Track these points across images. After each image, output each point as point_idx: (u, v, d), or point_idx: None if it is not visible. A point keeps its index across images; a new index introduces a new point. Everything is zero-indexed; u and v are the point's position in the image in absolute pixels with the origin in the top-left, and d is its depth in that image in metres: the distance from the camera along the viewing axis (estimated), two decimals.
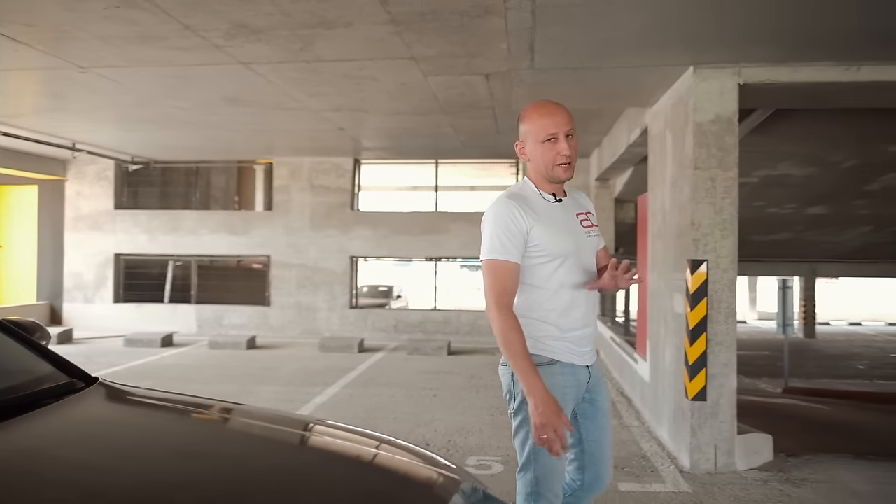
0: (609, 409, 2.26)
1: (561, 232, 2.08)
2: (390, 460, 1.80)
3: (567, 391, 2.04)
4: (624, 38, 3.81)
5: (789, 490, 3.87)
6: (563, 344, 2.07)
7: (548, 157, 2.06)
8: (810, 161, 7.90)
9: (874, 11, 3.31)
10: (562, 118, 2.06)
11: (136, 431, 1.63)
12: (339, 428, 1.87)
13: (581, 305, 2.11)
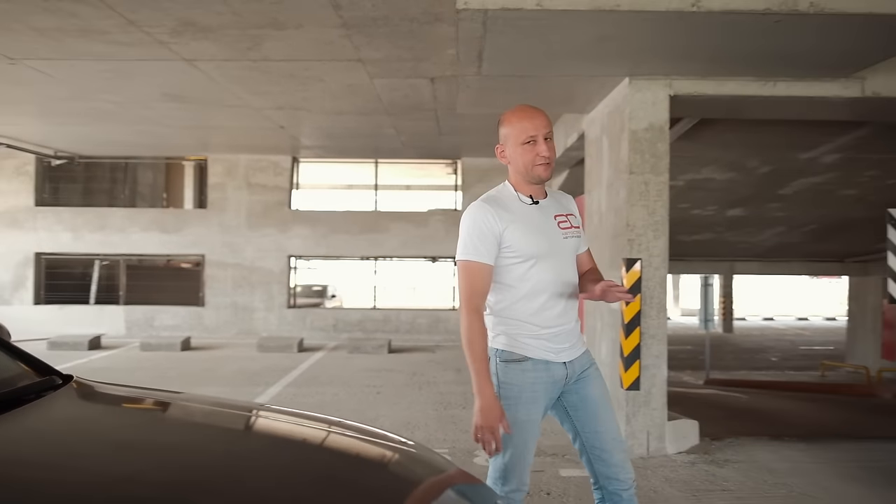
0: (605, 398, 2.23)
1: (534, 233, 2.15)
2: (346, 441, 1.81)
3: (537, 387, 2.13)
4: (567, 49, 4.04)
5: (714, 470, 4.20)
6: (538, 342, 2.14)
7: (528, 159, 2.15)
8: (731, 166, 8.44)
9: (784, 34, 3.66)
10: (540, 121, 2.17)
11: (123, 428, 1.68)
12: (306, 416, 1.94)
13: (557, 304, 2.16)
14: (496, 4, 3.35)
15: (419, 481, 1.66)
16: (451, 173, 12.29)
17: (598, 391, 2.22)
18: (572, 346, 2.20)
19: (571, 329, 2.21)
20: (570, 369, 2.18)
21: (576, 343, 2.22)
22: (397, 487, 1.58)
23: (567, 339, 2.18)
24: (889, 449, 4.78)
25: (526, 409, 2.13)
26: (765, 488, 3.87)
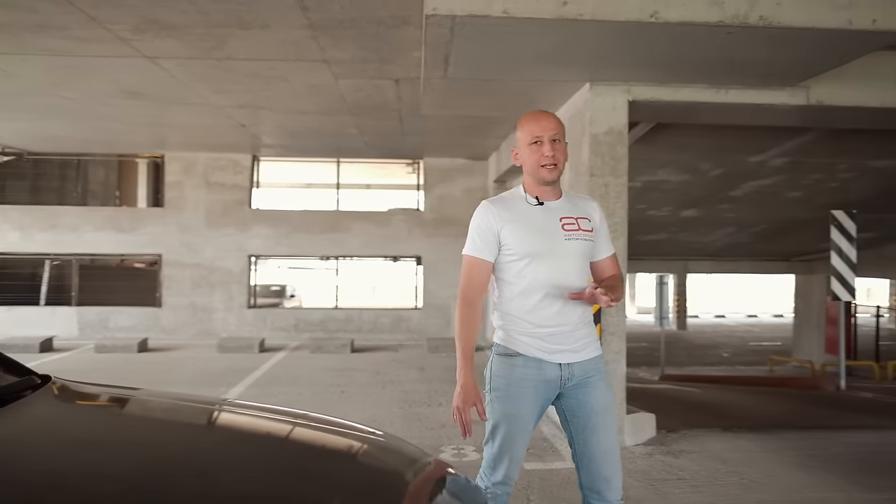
0: (604, 409, 2.23)
1: (533, 233, 2.20)
2: (314, 433, 1.83)
3: (526, 383, 2.18)
4: (531, 55, 4.17)
5: (670, 460, 4.39)
6: (531, 339, 2.19)
7: (533, 159, 2.22)
8: (685, 169, 8.74)
9: (736, 45, 3.86)
10: (547, 124, 2.24)
11: (111, 426, 1.70)
12: (277, 411, 1.97)
13: (553, 304, 2.19)
14: (464, 11, 3.45)
15: (393, 471, 1.68)
16: (411, 173, 12.35)
17: (598, 401, 2.22)
18: (573, 349, 2.21)
19: (571, 331, 2.21)
20: (566, 371, 2.20)
21: (579, 347, 2.22)
22: (369, 477, 1.60)
23: (564, 341, 2.20)
24: (830, 438, 5.06)
25: (512, 403, 2.19)
26: (717, 476, 4.07)
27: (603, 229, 2.33)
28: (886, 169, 8.29)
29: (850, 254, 7.53)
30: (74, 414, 1.77)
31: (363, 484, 1.53)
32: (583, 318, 2.25)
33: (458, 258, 8.55)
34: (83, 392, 1.90)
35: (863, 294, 28.44)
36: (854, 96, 4.91)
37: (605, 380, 2.28)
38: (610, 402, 2.26)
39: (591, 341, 2.27)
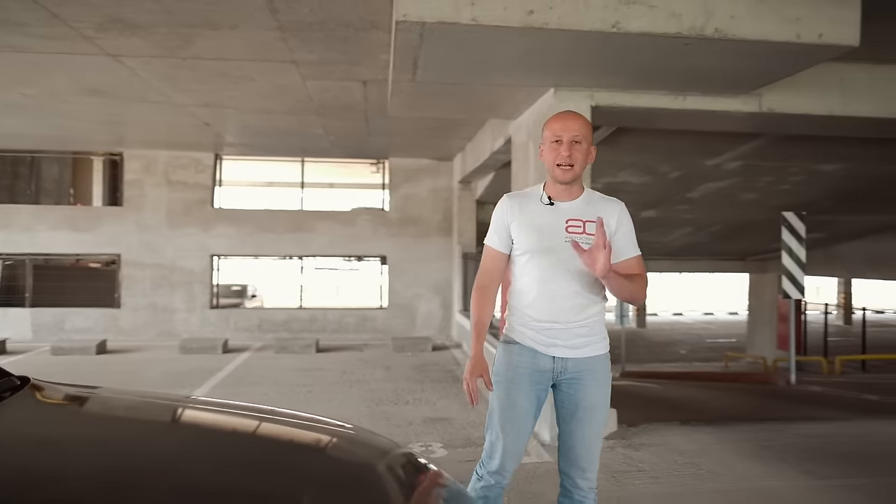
0: (592, 405, 2.30)
1: (535, 230, 2.28)
2: (282, 428, 1.87)
3: (521, 371, 2.31)
4: (498, 61, 4.27)
5: (630, 453, 4.55)
6: (527, 331, 2.32)
7: (551, 158, 2.28)
8: (645, 171, 8.98)
9: (693, 55, 4.03)
10: (570, 124, 2.25)
11: (99, 426, 1.73)
12: (248, 407, 2.02)
13: (549, 301, 2.27)
14: (434, 17, 3.52)
15: (365, 463, 1.72)
16: (375, 172, 12.36)
17: (588, 398, 2.30)
18: (569, 346, 2.28)
19: (566, 329, 2.27)
20: (559, 365, 2.29)
21: (578, 344, 2.29)
22: (340, 469, 1.64)
23: (560, 336, 2.28)
24: (783, 429, 5.30)
25: (509, 389, 2.31)
26: (676, 468, 4.24)
27: (621, 232, 2.31)
28: (834, 173, 8.67)
29: (799, 253, 7.87)
30: (56, 414, 1.79)
31: (335, 476, 1.56)
32: (583, 318, 2.29)
33: (423, 258, 8.87)
34: (63, 393, 1.92)
35: (812, 292, 29.48)
36: (803, 104, 5.15)
37: (600, 379, 2.31)
38: (600, 401, 2.32)
39: (594, 341, 2.31)
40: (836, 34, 3.76)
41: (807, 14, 3.72)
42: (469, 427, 5.41)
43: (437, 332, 11.39)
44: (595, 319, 2.33)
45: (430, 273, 11.60)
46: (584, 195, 2.35)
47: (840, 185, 9.23)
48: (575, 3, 3.60)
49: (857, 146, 7.22)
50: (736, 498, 3.74)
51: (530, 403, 2.32)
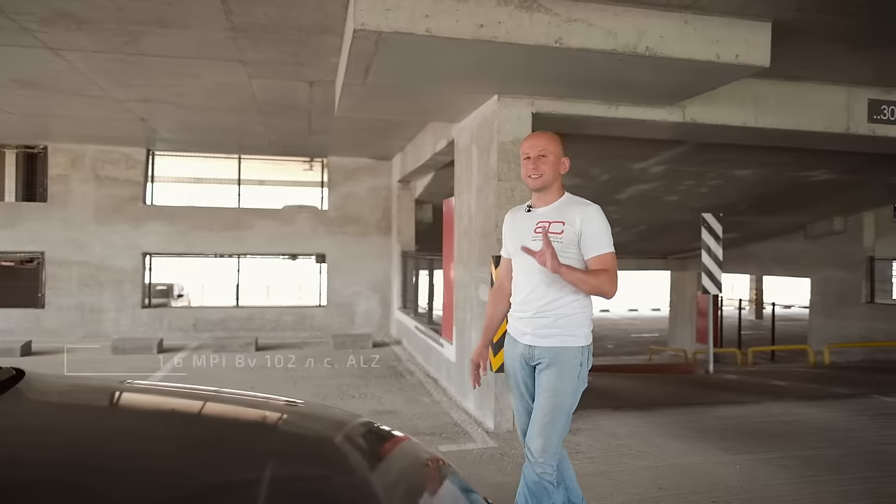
0: (548, 389, 2.59)
1: (514, 236, 2.74)
2: (230, 408, 1.93)
3: (511, 358, 2.77)
4: (447, 69, 4.49)
5: (569, 437, 4.88)
6: (512, 321, 2.78)
7: (524, 172, 2.71)
8: (577, 174, 9.43)
9: (626, 70, 4.39)
10: (535, 142, 2.68)
11: (108, 416, 1.82)
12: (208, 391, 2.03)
13: (520, 294, 2.70)
14: (390, 28, 3.72)
15: (321, 436, 1.78)
16: (308, 170, 12.33)
17: (546, 382, 2.60)
18: (536, 335, 2.64)
19: (532, 318, 2.63)
20: (528, 351, 2.67)
21: (544, 334, 2.61)
22: (299, 442, 1.70)
23: (528, 325, 2.66)
24: (702, 413, 5.79)
25: (507, 373, 2.82)
26: (610, 448, 4.60)
27: (587, 234, 2.57)
28: (748, 178, 9.38)
29: (717, 252, 8.49)
30: (56, 405, 1.87)
31: (294, 448, 1.62)
32: (542, 309, 2.61)
33: (362, 256, 9.16)
34: (66, 384, 2.00)
35: (727, 289, 31.25)
36: (721, 116, 5.65)
37: (563, 368, 2.58)
38: (555, 384, 2.58)
39: (558, 333, 2.60)
40: (750, 55, 4.20)
41: (726, 37, 4.14)
42: (416, 418, 5.62)
43: (376, 330, 11.53)
44: (559, 314, 2.61)
45: (369, 271, 11.72)
46: (560, 200, 2.69)
47: (753, 189, 9.99)
48: (521, 19, 3.88)
49: (768, 154, 7.87)
50: (664, 473, 4.11)
51: (519, 382, 2.73)
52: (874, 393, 6.66)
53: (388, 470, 1.81)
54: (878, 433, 5.14)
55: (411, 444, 2.23)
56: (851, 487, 3.88)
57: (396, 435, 2.10)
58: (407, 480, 1.81)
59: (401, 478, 1.77)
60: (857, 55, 5.09)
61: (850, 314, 13.19)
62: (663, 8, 4.05)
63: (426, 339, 8.13)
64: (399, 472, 1.81)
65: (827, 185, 9.88)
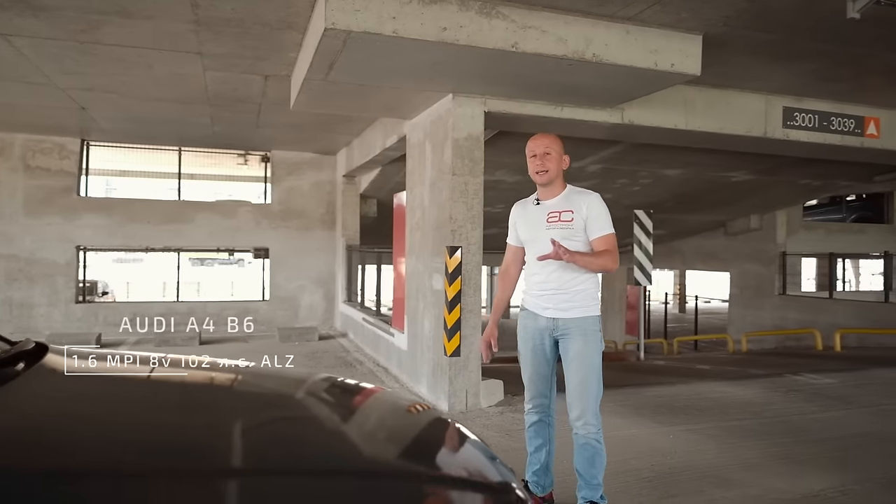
0: (576, 355, 2.93)
1: (527, 225, 3.06)
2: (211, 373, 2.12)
3: (527, 330, 3.07)
4: (407, 68, 4.73)
5: (518, 416, 5.22)
6: (530, 298, 3.07)
7: (531, 169, 3.04)
8: (518, 171, 9.83)
9: (574, 74, 4.76)
10: (539, 142, 3.03)
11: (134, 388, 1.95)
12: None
13: (537, 276, 3.00)
14: (359, 28, 3.93)
15: (283, 392, 1.94)
16: (242, 164, 12.23)
17: (573, 349, 2.95)
18: (559, 308, 2.97)
19: (553, 294, 2.96)
20: (553, 324, 2.98)
21: (565, 308, 2.95)
22: (264, 401, 1.85)
23: (550, 301, 2.98)
24: (637, 392, 6.26)
25: (521, 343, 3.11)
26: (557, 424, 4.95)
27: (591, 217, 2.95)
28: (675, 177, 10.05)
29: (648, 247, 9.06)
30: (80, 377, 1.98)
31: (262, 405, 1.75)
32: (562, 286, 2.96)
33: (306, 250, 9.36)
34: (90, 355, 2.11)
35: (654, 284, 32.68)
36: (655, 118, 6.13)
37: (583, 335, 2.94)
38: (582, 351, 2.93)
39: (578, 305, 2.96)
40: (684, 64, 4.65)
41: (663, 47, 4.57)
42: None
43: (320, 323, 11.60)
44: (578, 289, 2.97)
45: (313, 265, 11.78)
46: (564, 192, 3.05)
47: (680, 187, 10.69)
48: (481, 24, 4.17)
49: (694, 155, 8.49)
50: (607, 443, 4.49)
51: (539, 351, 3.03)
52: (786, 373, 7.34)
53: (365, 419, 1.97)
54: (789, 406, 5.74)
55: (386, 393, 2.42)
56: (767, 450, 4.38)
57: (367, 387, 2.29)
58: (388, 427, 1.95)
59: (380, 425, 1.93)
60: (774, 67, 5.66)
61: (765, 305, 14.23)
62: (609, 19, 4.43)
63: (375, 329, 8.33)
64: (378, 420, 1.97)
65: (745, 185, 10.69)
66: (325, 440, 1.62)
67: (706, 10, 4.31)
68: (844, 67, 5.70)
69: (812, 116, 6.72)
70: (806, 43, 5.04)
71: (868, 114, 6.99)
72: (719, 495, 3.61)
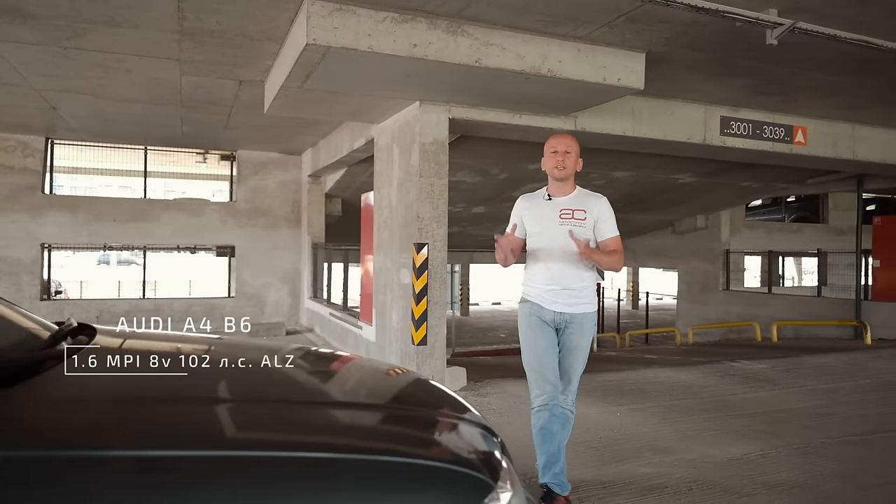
0: (575, 347, 3.12)
1: (536, 218, 3.16)
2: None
3: (531, 320, 3.17)
4: (379, 78, 5.14)
5: (480, 399, 5.68)
6: (531, 290, 3.20)
7: (550, 164, 3.14)
8: (478, 172, 10.32)
9: (531, 86, 5.24)
10: (562, 141, 3.15)
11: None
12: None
13: (544, 269, 3.12)
14: (338, 43, 4.32)
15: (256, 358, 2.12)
16: (201, 162, 12.38)
17: (572, 342, 3.14)
18: (564, 304, 3.12)
19: (561, 290, 3.11)
20: (559, 317, 3.13)
21: (571, 303, 3.11)
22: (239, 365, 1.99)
23: (558, 297, 3.12)
24: (589, 377, 6.66)
25: (523, 333, 3.21)
26: (515, 406, 5.45)
27: (601, 219, 3.14)
28: (625, 179, 10.68)
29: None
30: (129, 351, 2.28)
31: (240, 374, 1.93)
32: (569, 284, 3.13)
33: (272, 248, 9.84)
34: (126, 335, 2.40)
35: (607, 282, 33.69)
36: (605, 126, 6.67)
37: (582, 328, 3.14)
38: (583, 344, 3.15)
39: (583, 302, 3.15)
40: (629, 79, 5.18)
41: (610, 64, 5.09)
42: None
43: (286, 319, 11.87)
44: (584, 286, 3.16)
45: (279, 262, 12.04)
46: (575, 192, 3.21)
47: (630, 189, 11.34)
48: (448, 41, 4.61)
49: (643, 158, 9.11)
50: None
51: (545, 341, 3.14)
52: (724, 360, 8.00)
53: (345, 381, 2.23)
54: (723, 388, 6.36)
55: (364, 359, 2.76)
56: (702, 424, 4.95)
57: (343, 354, 2.57)
58: (368, 387, 2.18)
59: (360, 385, 2.18)
60: (710, 81, 6.25)
61: (710, 300, 15.08)
62: (562, 38, 4.92)
63: (343, 323, 8.68)
64: (358, 382, 2.23)
65: (690, 186, 11.41)
66: (317, 391, 1.98)
67: (648, 32, 4.84)
68: (773, 83, 6.34)
69: (746, 125, 7.37)
70: (738, 61, 5.63)
71: (797, 123, 7.70)
72: (658, 460, 4.13)
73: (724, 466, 4.01)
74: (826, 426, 4.91)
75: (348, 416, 1.76)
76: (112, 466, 1.24)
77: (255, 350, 2.35)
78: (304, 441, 1.49)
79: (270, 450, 1.40)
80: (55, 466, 1.20)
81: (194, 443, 1.37)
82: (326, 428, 1.63)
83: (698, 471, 3.92)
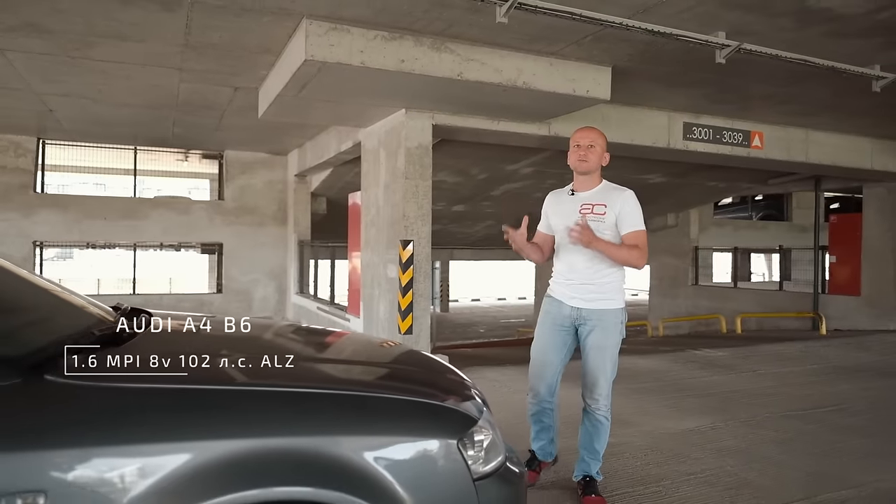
0: (597, 345, 3.03)
1: (559, 214, 3.11)
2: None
3: (550, 315, 3.14)
4: (369, 89, 5.60)
5: None
6: (557, 286, 3.14)
7: (574, 157, 3.06)
8: (458, 172, 10.79)
9: (509, 96, 5.73)
10: (585, 134, 3.06)
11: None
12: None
13: (566, 264, 3.09)
14: (333, 59, 4.78)
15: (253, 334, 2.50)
16: (182, 160, 12.67)
17: (593, 339, 3.04)
18: (584, 299, 3.03)
19: (581, 285, 3.04)
20: (577, 313, 3.05)
21: (591, 298, 3.02)
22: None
23: (577, 292, 3.05)
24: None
25: (537, 328, 3.23)
26: (494, 388, 5.95)
27: (623, 214, 3.00)
28: None
29: None
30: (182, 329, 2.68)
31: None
32: (589, 278, 3.04)
33: (259, 245, 10.42)
34: (177, 317, 2.80)
35: None
36: None
37: (604, 327, 3.01)
38: (602, 342, 3.02)
39: (603, 298, 3.01)
40: (596, 91, 5.70)
41: (580, 77, 5.61)
42: None
43: (273, 314, 12.26)
44: (605, 281, 3.03)
45: (266, 259, 12.41)
46: (600, 186, 3.11)
47: None
48: (433, 57, 5.09)
49: (613, 160, 9.53)
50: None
51: (554, 340, 3.12)
52: (688, 349, 8.61)
53: (340, 351, 2.52)
54: (684, 373, 6.94)
55: (356, 333, 3.23)
56: (662, 402, 5.50)
57: (335, 330, 2.95)
58: (365, 354, 2.52)
59: (355, 354, 2.54)
60: (672, 91, 6.81)
61: (680, 294, 15.77)
62: (536, 53, 5.43)
63: (330, 317, 9.11)
64: (352, 352, 2.58)
65: (660, 186, 12.01)
66: (321, 357, 2.43)
67: (613, 49, 5.37)
68: (730, 93, 6.91)
69: (707, 130, 7.96)
70: (696, 74, 6.19)
71: (754, 128, 8.31)
72: (620, 432, 4.64)
73: (678, 436, 4.56)
74: (771, 403, 5.49)
75: (365, 370, 2.34)
76: (230, 394, 1.77)
77: (285, 328, 2.85)
78: (341, 379, 2.14)
79: (317, 388, 1.89)
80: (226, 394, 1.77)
81: (268, 382, 1.87)
82: (354, 374, 2.25)
83: (655, 440, 4.46)
